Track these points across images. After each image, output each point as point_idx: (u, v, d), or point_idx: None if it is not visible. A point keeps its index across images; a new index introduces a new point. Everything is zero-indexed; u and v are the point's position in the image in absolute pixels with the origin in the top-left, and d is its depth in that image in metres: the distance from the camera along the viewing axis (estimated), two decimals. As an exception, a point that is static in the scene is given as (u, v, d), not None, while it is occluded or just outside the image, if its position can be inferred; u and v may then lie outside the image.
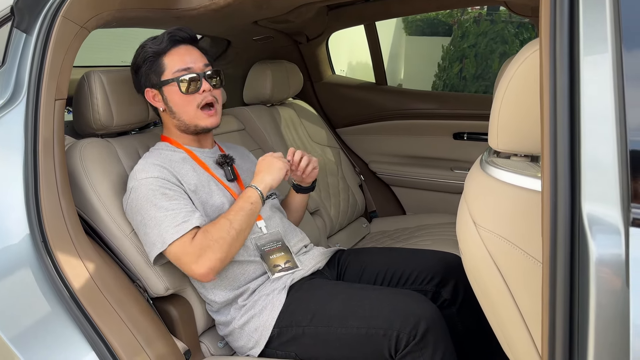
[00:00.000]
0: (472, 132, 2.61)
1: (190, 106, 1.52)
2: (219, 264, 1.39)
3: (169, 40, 1.51)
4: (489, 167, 0.99)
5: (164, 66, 1.51)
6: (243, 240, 1.45)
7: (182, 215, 1.39)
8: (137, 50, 1.55)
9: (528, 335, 0.91)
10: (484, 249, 0.95)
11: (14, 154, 1.32)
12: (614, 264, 0.68)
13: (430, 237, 2.29)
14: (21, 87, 1.34)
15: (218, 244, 1.38)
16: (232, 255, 1.43)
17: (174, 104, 1.52)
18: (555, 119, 0.72)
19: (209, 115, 1.54)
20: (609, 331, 0.69)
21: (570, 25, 0.72)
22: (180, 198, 1.42)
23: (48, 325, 1.25)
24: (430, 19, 6.43)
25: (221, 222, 1.41)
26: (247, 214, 1.44)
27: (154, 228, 1.38)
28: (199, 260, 1.37)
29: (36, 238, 1.29)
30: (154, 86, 1.53)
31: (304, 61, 2.81)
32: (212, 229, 1.39)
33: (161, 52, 1.52)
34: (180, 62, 1.51)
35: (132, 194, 1.43)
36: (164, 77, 1.51)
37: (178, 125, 1.56)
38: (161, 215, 1.38)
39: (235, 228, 1.40)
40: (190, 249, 1.37)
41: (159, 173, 1.44)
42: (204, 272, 1.38)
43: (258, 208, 1.48)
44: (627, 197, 0.68)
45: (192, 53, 1.54)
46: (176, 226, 1.37)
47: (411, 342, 1.27)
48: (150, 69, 1.52)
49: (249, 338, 1.46)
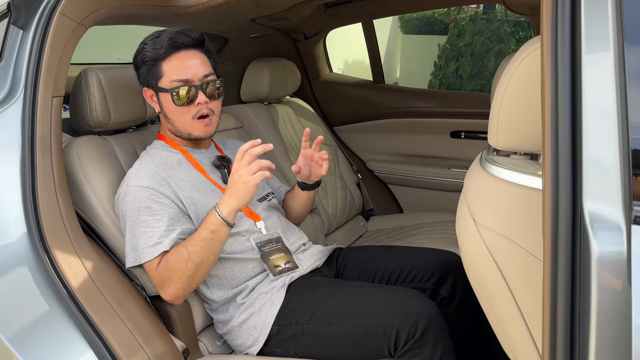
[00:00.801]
0: (470, 130, 2.61)
1: (185, 116, 1.48)
2: (182, 292, 1.39)
3: (169, 46, 1.44)
4: (488, 165, 0.99)
5: (162, 72, 1.46)
6: (208, 268, 1.39)
7: (158, 235, 1.37)
8: (138, 47, 1.51)
9: (527, 333, 0.91)
10: (484, 247, 0.95)
11: (11, 151, 1.31)
12: (616, 262, 0.68)
13: (428, 235, 2.29)
14: (18, 84, 1.33)
15: (177, 274, 1.36)
16: (198, 282, 1.40)
17: (168, 111, 1.49)
18: (557, 117, 0.72)
19: (204, 125, 1.50)
20: (611, 329, 0.69)
21: (571, 23, 0.72)
22: (164, 212, 1.40)
23: (46, 324, 1.24)
24: (426, 18, 6.43)
25: (180, 251, 1.35)
26: (207, 244, 1.35)
27: (131, 240, 1.40)
28: (162, 287, 1.39)
29: (33, 236, 1.28)
30: (151, 87, 1.51)
31: (301, 59, 2.81)
32: (172, 259, 1.36)
33: (160, 58, 1.45)
34: (179, 71, 1.44)
35: (120, 198, 1.43)
36: (161, 84, 1.47)
37: (172, 130, 1.54)
38: (140, 230, 1.39)
39: (193, 260, 1.34)
40: (155, 274, 1.39)
41: (149, 182, 1.42)
42: (169, 298, 1.41)
43: (221, 235, 1.36)
44: (629, 195, 0.68)
45: (193, 60, 1.46)
46: (150, 246, 1.37)
47: (410, 339, 1.27)
48: (148, 72, 1.48)
49: (248, 336, 1.46)
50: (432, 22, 6.45)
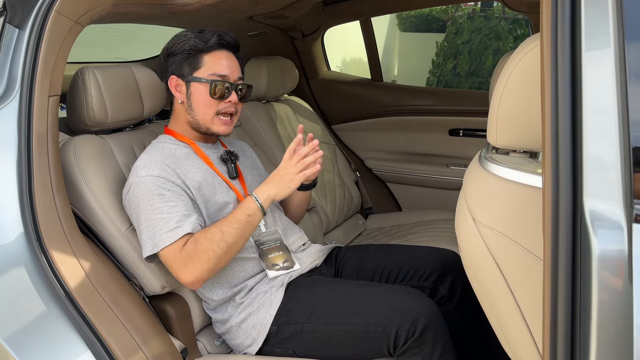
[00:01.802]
0: (468, 128, 2.61)
1: (211, 109, 1.51)
2: (207, 275, 1.38)
3: (217, 42, 1.51)
4: (488, 163, 0.99)
5: (202, 63, 1.51)
6: (236, 252, 1.41)
7: (176, 220, 1.37)
8: (176, 37, 1.53)
9: (527, 331, 0.90)
10: (483, 246, 0.95)
11: (8, 151, 1.30)
12: (617, 261, 0.68)
13: (426, 233, 2.29)
14: (14, 84, 1.32)
15: (207, 254, 1.35)
16: (222, 266, 1.40)
17: (196, 102, 1.51)
18: (557, 115, 0.72)
19: (224, 123, 1.54)
20: (612, 329, 0.68)
21: (571, 20, 0.72)
22: (177, 199, 1.40)
23: (43, 325, 1.24)
24: (424, 15, 6.42)
25: (213, 232, 1.37)
26: (242, 226, 1.40)
27: (147, 229, 1.38)
28: (186, 268, 1.36)
29: (30, 236, 1.28)
30: (182, 77, 1.52)
31: (299, 57, 2.80)
32: (202, 239, 1.36)
33: (204, 50, 1.51)
34: (220, 66, 1.51)
35: (131, 189, 1.42)
36: (197, 74, 1.50)
37: (190, 122, 1.55)
38: (156, 217, 1.37)
39: (226, 241, 1.36)
40: (179, 256, 1.36)
41: (159, 171, 1.42)
42: (191, 281, 1.37)
43: (255, 220, 1.42)
44: (630, 193, 0.67)
45: (232, 62, 1.55)
46: (169, 231, 1.36)
47: (410, 338, 1.27)
48: (185, 60, 1.51)
49: (247, 336, 1.46)
50: (430, 19, 6.44)
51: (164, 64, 1.56)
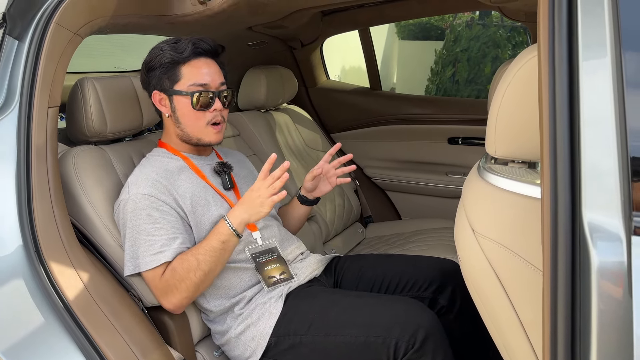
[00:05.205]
0: (467, 136, 2.61)
1: (200, 121, 1.50)
2: (187, 301, 1.40)
3: (192, 51, 1.47)
4: (486, 173, 0.99)
5: (180, 75, 1.47)
6: (213, 278, 1.42)
7: (160, 244, 1.37)
8: (153, 50, 1.50)
9: (528, 343, 0.90)
10: (483, 256, 0.95)
11: (7, 162, 1.30)
12: (616, 273, 0.67)
13: (426, 242, 2.28)
14: (14, 95, 1.32)
15: (185, 283, 1.36)
16: (202, 291, 1.42)
17: (181, 114, 1.50)
18: (555, 125, 0.72)
19: (216, 132, 1.52)
20: (612, 340, 0.68)
21: (568, 30, 0.72)
22: (164, 221, 1.39)
23: (41, 337, 1.23)
24: (422, 24, 6.45)
25: (190, 260, 1.36)
26: (217, 254, 1.38)
27: (130, 248, 1.39)
28: (166, 296, 1.39)
29: (29, 248, 1.27)
30: (164, 91, 1.50)
31: (298, 66, 2.81)
32: (179, 268, 1.36)
33: (181, 61, 1.47)
34: (199, 75, 1.47)
35: (120, 205, 1.42)
36: (177, 87, 1.48)
37: (180, 135, 1.54)
38: (141, 238, 1.38)
39: (202, 269, 1.36)
40: (158, 284, 1.38)
41: (150, 189, 1.41)
42: (171, 308, 1.40)
43: (231, 245, 1.40)
44: (629, 205, 0.67)
45: (212, 68, 1.51)
46: (151, 255, 1.37)
47: (410, 350, 1.26)
48: (164, 74, 1.48)
49: (246, 347, 1.45)
50: (429, 27, 6.47)
51: (146, 79, 1.53)
